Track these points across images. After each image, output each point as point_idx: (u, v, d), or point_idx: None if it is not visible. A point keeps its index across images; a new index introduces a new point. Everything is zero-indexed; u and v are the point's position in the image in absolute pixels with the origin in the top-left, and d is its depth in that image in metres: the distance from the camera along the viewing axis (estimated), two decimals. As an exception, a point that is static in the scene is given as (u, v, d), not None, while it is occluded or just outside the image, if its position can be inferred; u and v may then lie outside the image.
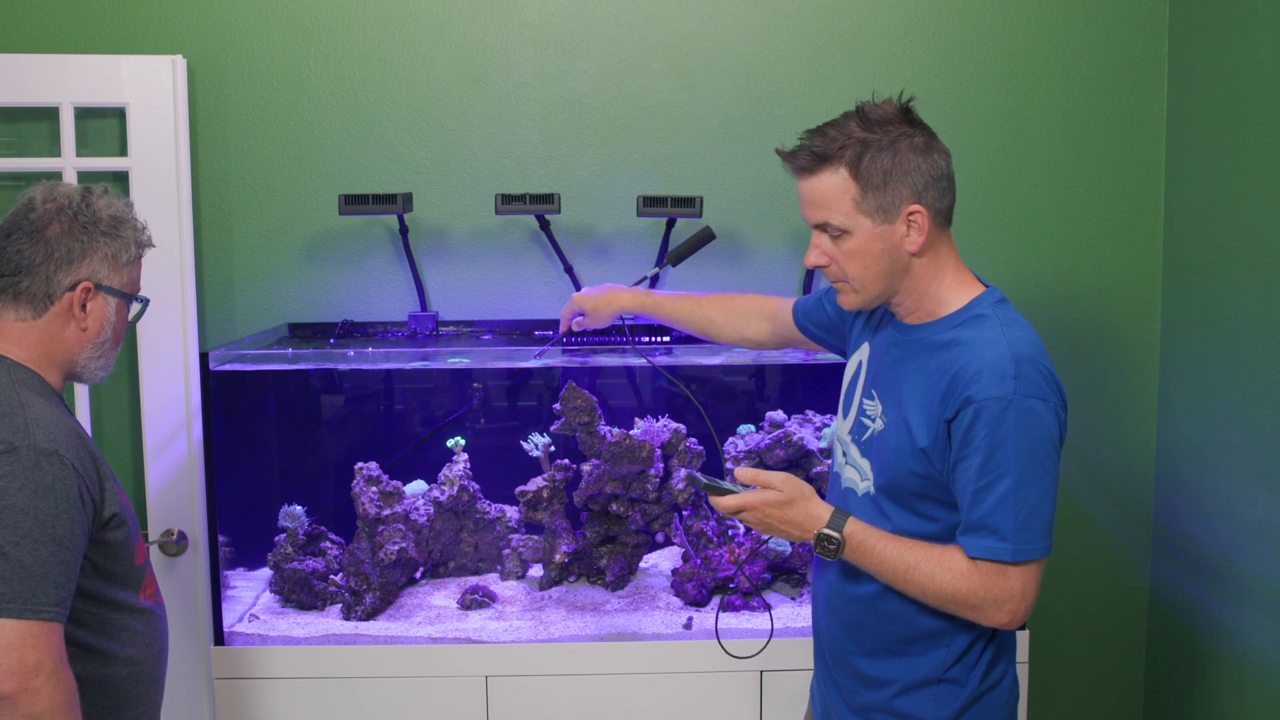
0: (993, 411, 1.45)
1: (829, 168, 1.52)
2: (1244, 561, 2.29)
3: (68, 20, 2.48)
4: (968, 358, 1.49)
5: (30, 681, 1.38)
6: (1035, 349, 1.51)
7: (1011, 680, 1.65)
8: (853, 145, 1.51)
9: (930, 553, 1.51)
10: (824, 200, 1.53)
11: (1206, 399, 2.44)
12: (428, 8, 2.54)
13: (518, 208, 2.37)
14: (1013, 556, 1.45)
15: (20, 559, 1.40)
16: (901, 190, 1.51)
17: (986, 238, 2.61)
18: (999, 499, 1.45)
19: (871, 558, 1.54)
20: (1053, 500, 1.47)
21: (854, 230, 1.53)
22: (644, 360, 2.25)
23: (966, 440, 1.47)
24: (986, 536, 1.46)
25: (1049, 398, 1.48)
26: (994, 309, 1.55)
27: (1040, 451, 1.46)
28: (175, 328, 2.38)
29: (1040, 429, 1.46)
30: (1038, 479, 1.45)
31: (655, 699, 2.18)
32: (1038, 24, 2.57)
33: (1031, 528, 1.45)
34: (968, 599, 1.49)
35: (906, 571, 1.51)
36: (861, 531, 1.55)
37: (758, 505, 1.58)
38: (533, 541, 2.45)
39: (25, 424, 1.46)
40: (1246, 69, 2.27)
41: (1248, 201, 2.27)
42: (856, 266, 1.55)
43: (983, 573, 1.47)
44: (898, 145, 1.51)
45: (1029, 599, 1.48)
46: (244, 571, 2.49)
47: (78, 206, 1.58)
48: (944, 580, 1.49)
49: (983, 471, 1.46)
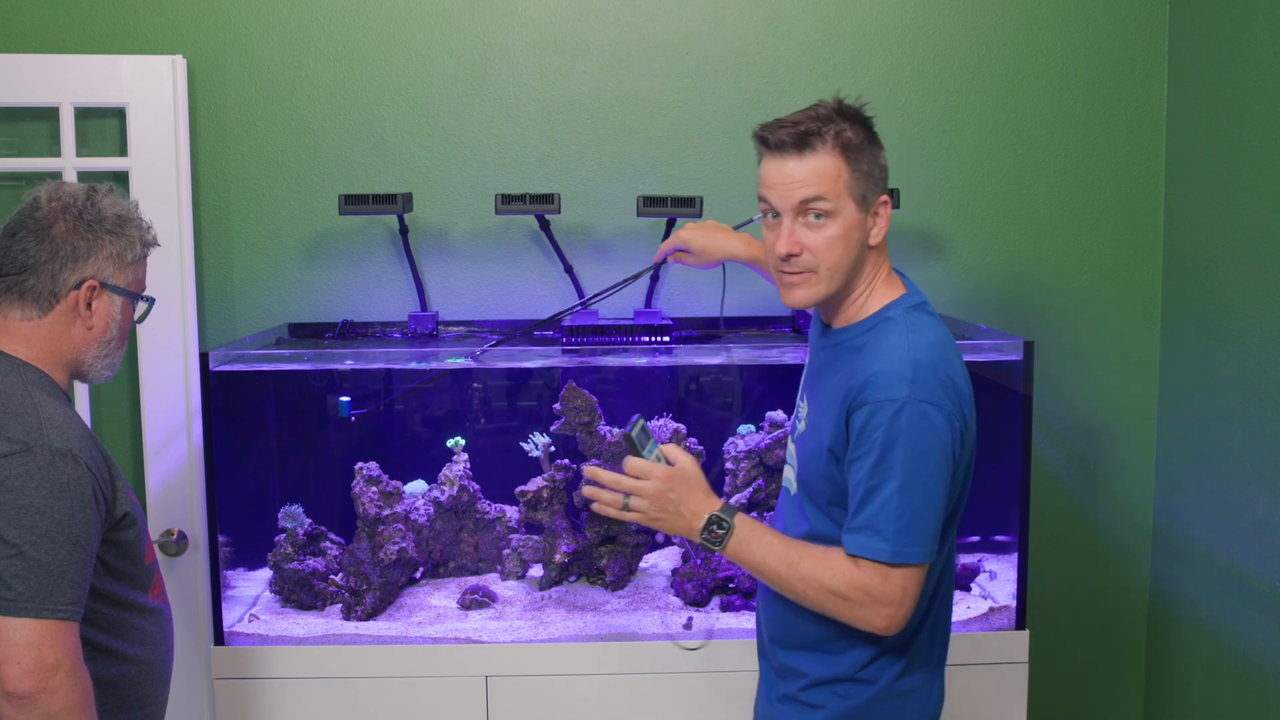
0: (886, 413, 1.45)
1: (822, 146, 1.51)
2: (1244, 561, 2.29)
3: (68, 20, 2.48)
4: (869, 361, 1.51)
5: (49, 680, 1.39)
6: (937, 355, 1.50)
7: (932, 695, 1.64)
8: (842, 129, 1.52)
9: (814, 550, 1.52)
10: (814, 179, 1.51)
11: (1206, 399, 2.44)
12: (428, 8, 2.54)
13: (518, 208, 2.37)
14: (892, 558, 1.45)
15: (38, 558, 1.40)
16: (880, 180, 1.55)
17: (986, 237, 2.61)
18: (884, 501, 1.45)
19: (755, 550, 1.53)
20: (938, 507, 1.47)
21: (840, 212, 1.52)
22: (644, 360, 2.25)
23: (860, 441, 1.48)
24: (869, 536, 1.46)
25: (943, 405, 1.46)
26: (904, 314, 1.55)
27: (929, 457, 1.45)
28: (175, 328, 2.38)
29: (931, 434, 1.45)
30: (924, 484, 1.45)
31: (655, 699, 2.18)
32: (1038, 24, 2.57)
33: (913, 531, 1.45)
34: (849, 597, 1.47)
35: (790, 566, 1.51)
36: (749, 523, 1.55)
37: (661, 476, 1.55)
38: (533, 541, 2.45)
39: (39, 424, 1.47)
40: (1246, 69, 2.27)
41: (1248, 201, 2.27)
42: (836, 253, 1.53)
43: (864, 573, 1.47)
44: (872, 136, 1.55)
45: (908, 604, 1.47)
46: (244, 571, 2.49)
47: (83, 205, 1.58)
48: (825, 577, 1.48)
49: (873, 472, 1.46)
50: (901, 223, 2.60)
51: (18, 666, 1.38)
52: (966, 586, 2.39)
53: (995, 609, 2.27)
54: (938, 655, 1.65)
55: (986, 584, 2.39)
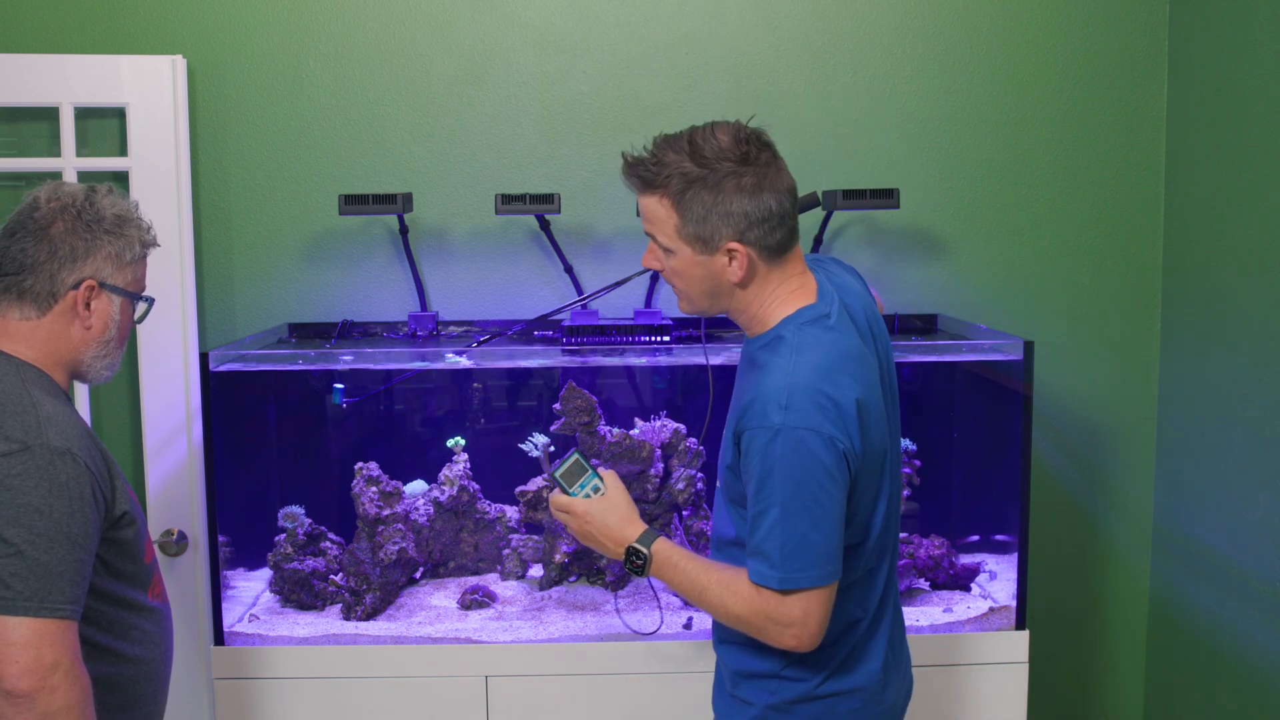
0: (762, 440, 1.47)
1: (652, 192, 1.54)
2: (1244, 561, 2.29)
3: (68, 20, 2.48)
4: (756, 384, 1.52)
5: (47, 679, 1.39)
6: (816, 374, 1.49)
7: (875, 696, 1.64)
8: (676, 178, 1.51)
9: (723, 575, 1.55)
10: (650, 218, 1.57)
11: (1206, 399, 2.44)
12: (428, 8, 2.54)
13: (518, 208, 2.37)
14: (779, 584, 1.47)
15: (36, 557, 1.41)
16: (721, 228, 1.52)
17: (986, 237, 2.61)
18: (769, 528, 1.47)
19: (674, 576, 1.59)
20: (827, 530, 1.47)
21: (677, 252, 1.56)
22: (644, 360, 2.26)
23: (745, 465, 1.51)
24: (761, 562, 1.49)
25: (820, 428, 1.46)
26: (796, 331, 1.54)
27: (809, 482, 1.46)
28: (175, 328, 2.38)
29: (809, 459, 1.45)
30: (806, 510, 1.46)
31: (655, 699, 2.18)
32: (1038, 24, 2.57)
33: (801, 557, 1.46)
34: (751, 622, 1.52)
35: (701, 592, 1.56)
36: (667, 550, 1.59)
37: (579, 513, 1.65)
38: (533, 541, 2.45)
39: (38, 423, 1.47)
40: (1246, 69, 2.27)
41: (1248, 201, 2.27)
42: (680, 282, 1.60)
43: (763, 598, 1.50)
44: (722, 185, 1.50)
45: (811, 625, 1.49)
46: (244, 571, 2.49)
47: (82, 205, 1.58)
48: (730, 603, 1.53)
49: (756, 498, 1.49)
50: (901, 223, 2.60)
51: (16, 665, 1.38)
52: (967, 587, 2.39)
53: (995, 609, 2.27)
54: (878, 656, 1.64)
55: (986, 584, 2.40)
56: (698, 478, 2.37)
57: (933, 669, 2.15)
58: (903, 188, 2.50)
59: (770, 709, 1.62)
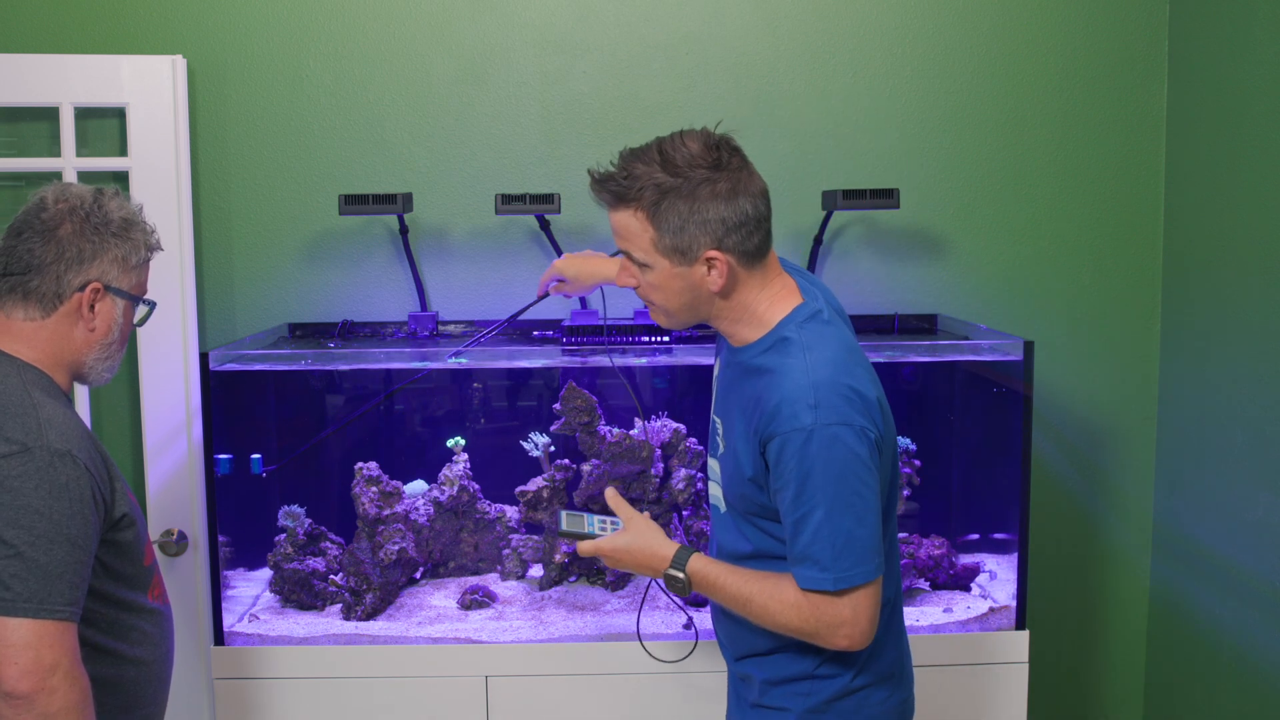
0: (796, 443, 1.46)
1: (625, 206, 1.52)
2: (1244, 561, 2.29)
3: (68, 20, 2.48)
4: (772, 389, 1.50)
5: (47, 681, 1.39)
6: (835, 369, 1.49)
7: (899, 686, 1.65)
8: (650, 190, 1.49)
9: (765, 585, 1.53)
10: (625, 234, 1.54)
11: (1206, 399, 2.44)
12: (428, 8, 2.54)
13: (518, 208, 2.37)
14: (834, 585, 1.46)
15: (35, 559, 1.41)
16: (699, 236, 1.50)
17: (986, 237, 2.61)
18: (815, 530, 1.46)
19: (715, 592, 1.58)
20: (871, 523, 1.47)
21: (653, 266, 1.54)
22: (643, 361, 2.25)
23: (778, 473, 1.49)
24: (810, 567, 1.48)
25: (852, 421, 1.46)
26: (799, 330, 1.54)
27: (848, 477, 1.45)
28: (175, 328, 2.38)
29: (845, 454, 1.45)
30: (850, 505, 1.46)
31: (655, 699, 2.18)
32: (1038, 24, 2.57)
33: (850, 554, 1.46)
34: (801, 629, 1.51)
35: (746, 604, 1.55)
36: (704, 568, 1.58)
37: (609, 551, 1.64)
38: (533, 541, 2.45)
39: (38, 424, 1.47)
40: (1246, 69, 2.27)
41: (1248, 201, 2.27)
42: (659, 296, 1.57)
43: (812, 603, 1.49)
44: (697, 192, 1.49)
45: (863, 621, 1.49)
46: (244, 571, 2.49)
47: (90, 208, 1.58)
48: (778, 612, 1.52)
49: (796, 503, 1.47)
50: (902, 223, 2.60)
51: (15, 667, 1.38)
52: (966, 587, 2.39)
53: (995, 609, 2.27)
54: (897, 644, 1.67)
55: (986, 584, 2.40)
56: (698, 478, 2.37)
57: (933, 669, 2.15)
58: (903, 188, 2.50)
59: (808, 713, 1.60)
